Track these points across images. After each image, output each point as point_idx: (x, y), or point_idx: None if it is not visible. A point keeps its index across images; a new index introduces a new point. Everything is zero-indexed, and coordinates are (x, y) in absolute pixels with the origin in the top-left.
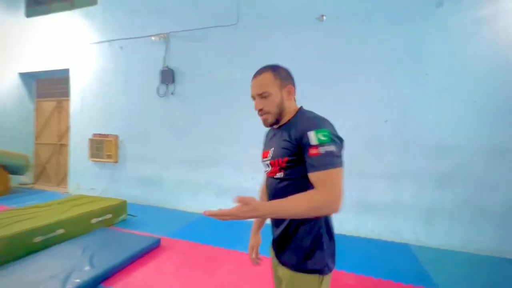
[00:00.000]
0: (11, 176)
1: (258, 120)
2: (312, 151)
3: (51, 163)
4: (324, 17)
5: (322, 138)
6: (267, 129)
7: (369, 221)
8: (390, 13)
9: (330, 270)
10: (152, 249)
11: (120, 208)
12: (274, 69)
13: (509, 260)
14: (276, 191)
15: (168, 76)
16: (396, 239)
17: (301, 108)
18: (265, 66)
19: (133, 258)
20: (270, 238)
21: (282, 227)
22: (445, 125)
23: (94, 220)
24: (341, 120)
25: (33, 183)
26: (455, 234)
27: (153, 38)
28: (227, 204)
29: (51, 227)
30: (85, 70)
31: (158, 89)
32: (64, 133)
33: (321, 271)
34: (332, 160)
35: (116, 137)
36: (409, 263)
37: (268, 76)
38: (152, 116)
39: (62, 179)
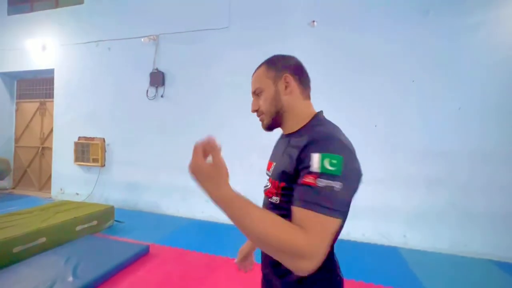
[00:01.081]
0: None
1: (249, 123)
2: (308, 179)
3: (32, 167)
4: (315, 23)
5: (329, 166)
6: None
7: (360, 225)
8: (378, 21)
9: None
10: (140, 257)
11: (107, 214)
12: (270, 59)
13: (494, 262)
14: None
15: (157, 79)
16: (386, 242)
17: (318, 114)
18: (264, 60)
19: (120, 267)
20: None
21: (278, 272)
22: (431, 131)
23: (79, 227)
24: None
25: (12, 188)
26: (442, 237)
27: (142, 40)
28: (217, 208)
29: (31, 236)
30: (71, 71)
31: (147, 91)
32: (47, 136)
33: None
34: (330, 202)
35: (102, 140)
36: (398, 266)
37: (260, 71)
38: (141, 119)
39: (44, 184)
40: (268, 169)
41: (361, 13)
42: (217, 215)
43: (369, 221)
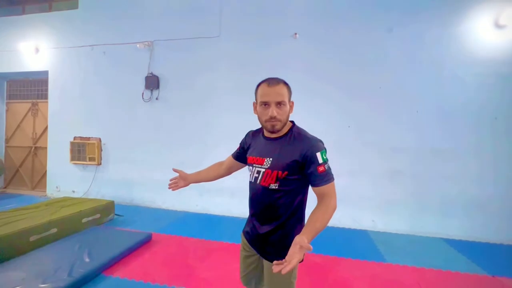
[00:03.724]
0: None
1: (236, 123)
2: (320, 169)
3: (24, 167)
4: (297, 35)
5: (325, 157)
6: (248, 131)
7: (336, 212)
8: (349, 35)
9: (302, 260)
10: (144, 243)
11: (108, 208)
12: (286, 83)
13: (444, 239)
14: (267, 199)
15: (152, 82)
16: (358, 227)
17: (294, 123)
18: (277, 78)
19: (129, 250)
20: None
21: (272, 226)
22: (395, 130)
23: (84, 220)
24: (313, 125)
25: (4, 188)
26: (404, 221)
27: (138, 45)
28: (209, 200)
29: (45, 227)
30: (66, 73)
31: (143, 94)
32: (40, 136)
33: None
34: (331, 175)
35: (99, 140)
36: (366, 245)
37: (284, 87)
38: (137, 120)
39: (38, 183)
40: (259, 163)
41: (332, 29)
42: (210, 208)
43: (344, 208)
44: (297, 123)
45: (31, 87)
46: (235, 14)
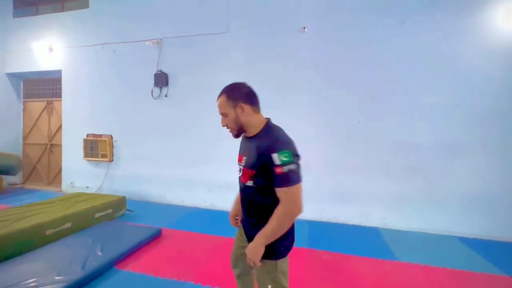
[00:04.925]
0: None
1: None
2: (278, 170)
3: (41, 163)
4: (306, 29)
5: (284, 158)
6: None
7: (346, 209)
8: (359, 29)
9: (285, 254)
10: (155, 237)
11: (120, 203)
12: (228, 91)
13: (457, 237)
14: (247, 195)
15: (161, 79)
16: (368, 223)
17: (268, 122)
18: (223, 89)
19: (140, 245)
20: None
21: (252, 221)
22: (406, 126)
23: (97, 215)
24: (319, 121)
25: (22, 183)
26: (415, 218)
27: (147, 43)
28: (218, 197)
29: (59, 221)
30: (78, 72)
31: (152, 91)
32: (55, 133)
33: (276, 257)
34: (294, 178)
35: (110, 137)
36: (376, 242)
37: (222, 99)
38: (147, 117)
39: (53, 179)
40: (239, 161)
41: (342, 23)
42: (218, 204)
43: (354, 205)
44: (304, 118)
45: (45, 86)
46: (242, 9)
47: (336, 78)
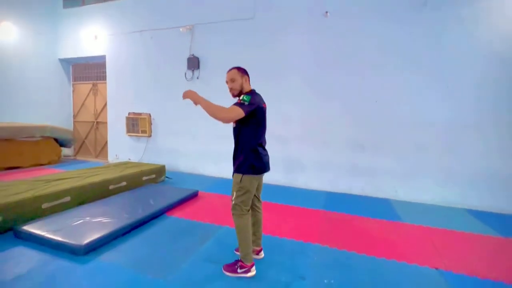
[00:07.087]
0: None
1: (268, 98)
2: (238, 101)
3: (89, 138)
4: (328, 14)
5: (244, 98)
6: (258, 95)
7: (360, 181)
8: (381, 13)
9: (248, 173)
10: (193, 197)
11: (161, 170)
12: (237, 68)
13: (467, 210)
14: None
15: (193, 63)
16: (380, 195)
17: (252, 89)
18: (232, 67)
19: (181, 201)
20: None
21: (234, 152)
22: (421, 105)
23: (144, 178)
24: (336, 100)
25: (74, 155)
26: (426, 191)
27: (180, 29)
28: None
29: (117, 180)
30: (119, 57)
31: (185, 74)
32: (100, 112)
33: (243, 173)
34: (242, 106)
35: (149, 115)
36: (386, 209)
37: (235, 71)
38: (180, 98)
39: (100, 152)
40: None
41: (368, 6)
42: None
43: (368, 178)
44: (324, 96)
45: (91, 70)
46: None
47: (356, 61)
